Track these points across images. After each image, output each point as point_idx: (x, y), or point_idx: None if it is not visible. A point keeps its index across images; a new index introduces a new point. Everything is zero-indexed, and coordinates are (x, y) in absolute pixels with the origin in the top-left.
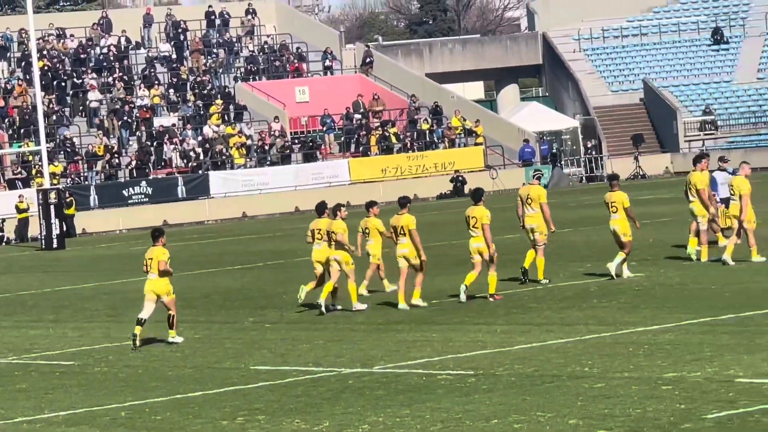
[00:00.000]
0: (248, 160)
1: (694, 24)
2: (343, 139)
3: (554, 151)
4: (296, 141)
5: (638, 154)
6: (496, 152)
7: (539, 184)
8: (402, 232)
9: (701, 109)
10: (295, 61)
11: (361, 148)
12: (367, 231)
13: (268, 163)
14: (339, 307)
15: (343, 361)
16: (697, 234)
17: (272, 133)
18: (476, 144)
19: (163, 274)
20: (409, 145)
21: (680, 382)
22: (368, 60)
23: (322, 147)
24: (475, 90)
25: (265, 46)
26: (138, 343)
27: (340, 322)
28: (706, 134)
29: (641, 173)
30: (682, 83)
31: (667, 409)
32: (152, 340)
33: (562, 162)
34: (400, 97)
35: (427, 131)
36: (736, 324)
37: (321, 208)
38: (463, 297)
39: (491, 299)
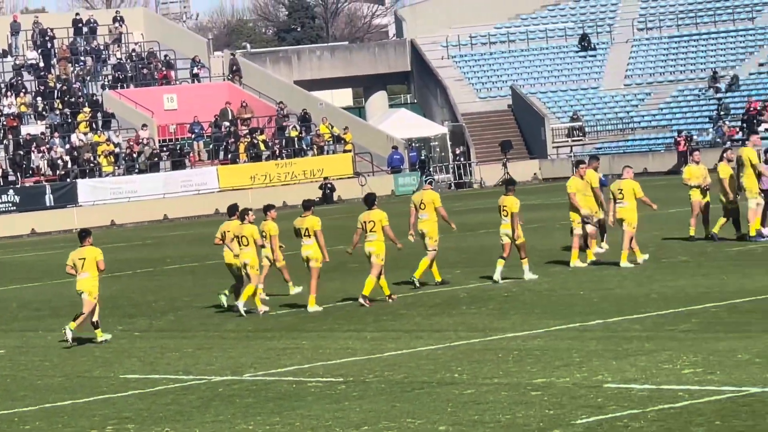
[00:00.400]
0: (116, 167)
1: (562, 31)
2: (211, 146)
3: (423, 158)
4: (165, 149)
5: (506, 161)
6: (365, 159)
7: (432, 188)
8: (306, 234)
9: (569, 116)
10: (163, 68)
11: (229, 156)
12: (264, 234)
13: (136, 170)
14: (266, 309)
15: (213, 369)
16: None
17: (140, 140)
18: (345, 151)
19: (101, 272)
20: (277, 152)
21: (549, 388)
22: (234, 68)
23: (191, 154)
24: (344, 97)
25: (133, 54)
26: (100, 340)
27: (210, 329)
28: (573, 140)
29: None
30: (549, 90)
31: (536, 415)
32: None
33: (431, 169)
34: (268, 104)
35: (296, 138)
36: (604, 330)
37: (232, 210)
38: (372, 299)
39: (390, 300)
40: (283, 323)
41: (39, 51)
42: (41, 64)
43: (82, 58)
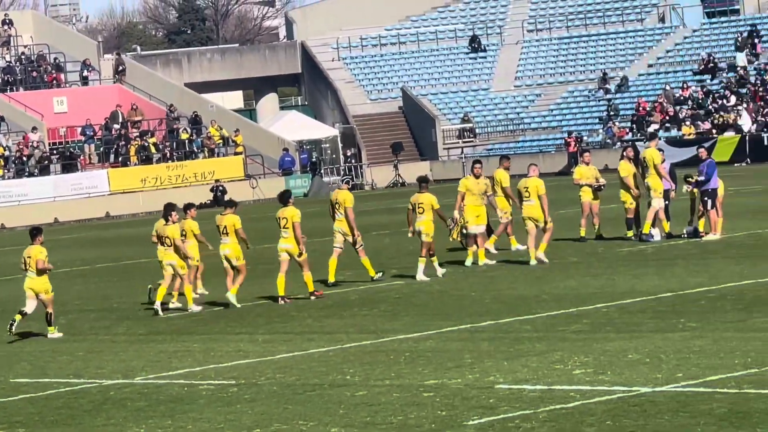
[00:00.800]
0: (6, 171)
1: (452, 32)
2: (102, 149)
3: (314, 159)
4: (55, 152)
5: (398, 162)
6: (256, 161)
7: (347, 188)
8: (225, 232)
9: (460, 117)
10: (53, 71)
11: (120, 159)
12: (184, 233)
13: (26, 174)
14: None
15: (104, 372)
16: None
17: (30, 143)
18: (236, 153)
19: (41, 272)
20: (168, 155)
21: (441, 389)
22: (120, 68)
23: (81, 158)
24: (235, 99)
25: (22, 57)
26: (14, 329)
27: (100, 333)
28: (464, 142)
29: (401, 181)
30: (440, 91)
31: (428, 416)
32: (30, 334)
33: (322, 171)
34: (159, 107)
35: (187, 141)
36: (496, 330)
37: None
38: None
39: (313, 297)
40: (174, 326)
41: None
42: None
43: None
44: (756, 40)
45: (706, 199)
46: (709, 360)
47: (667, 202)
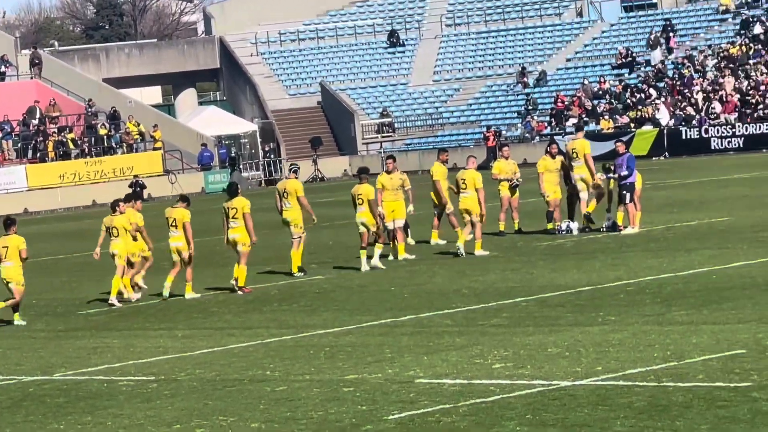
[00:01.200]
0: None
1: (371, 27)
2: (20, 145)
3: (233, 155)
4: None
5: (316, 157)
6: (175, 157)
7: (296, 177)
8: (174, 224)
9: (378, 112)
10: None
11: (38, 154)
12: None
13: None
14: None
15: (23, 369)
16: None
17: None
18: (155, 149)
19: (23, 261)
20: (87, 150)
21: (361, 384)
22: (36, 62)
23: None
24: (153, 95)
25: None
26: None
27: (18, 329)
28: (383, 137)
29: (320, 176)
30: (359, 86)
31: (348, 411)
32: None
33: (241, 166)
34: (77, 102)
35: (105, 137)
36: (416, 325)
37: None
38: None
39: (240, 292)
40: (93, 322)
41: None
42: None
43: None
44: (671, 35)
45: (624, 192)
46: (628, 353)
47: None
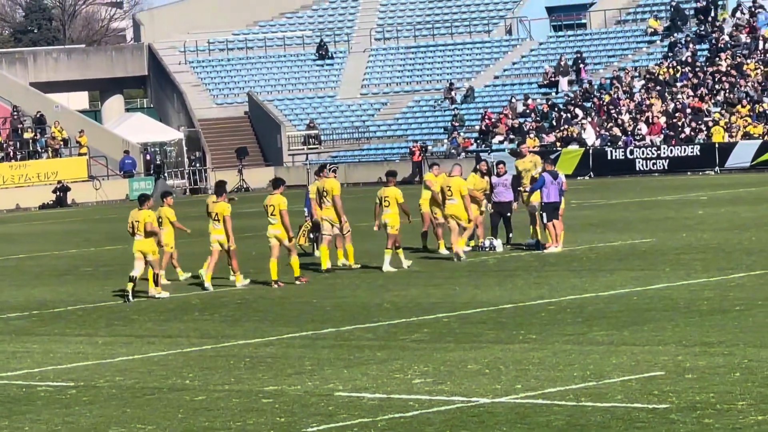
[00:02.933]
0: None
1: (300, 39)
2: None
3: (158, 162)
4: None
5: (242, 167)
6: (100, 163)
7: (335, 177)
8: (216, 218)
9: (305, 123)
10: None
11: None
12: (161, 220)
13: None
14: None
15: None
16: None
17: None
18: (80, 154)
19: (149, 234)
20: (12, 154)
21: (281, 396)
22: None
23: None
24: (80, 100)
25: None
26: (131, 297)
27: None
28: (309, 148)
29: (245, 186)
30: (286, 97)
31: (267, 422)
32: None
33: (166, 174)
34: (3, 105)
35: (31, 141)
36: (336, 338)
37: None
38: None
39: (298, 282)
40: (14, 327)
41: None
42: None
43: None
44: (581, 66)
45: (542, 213)
46: (548, 372)
47: (509, 214)
